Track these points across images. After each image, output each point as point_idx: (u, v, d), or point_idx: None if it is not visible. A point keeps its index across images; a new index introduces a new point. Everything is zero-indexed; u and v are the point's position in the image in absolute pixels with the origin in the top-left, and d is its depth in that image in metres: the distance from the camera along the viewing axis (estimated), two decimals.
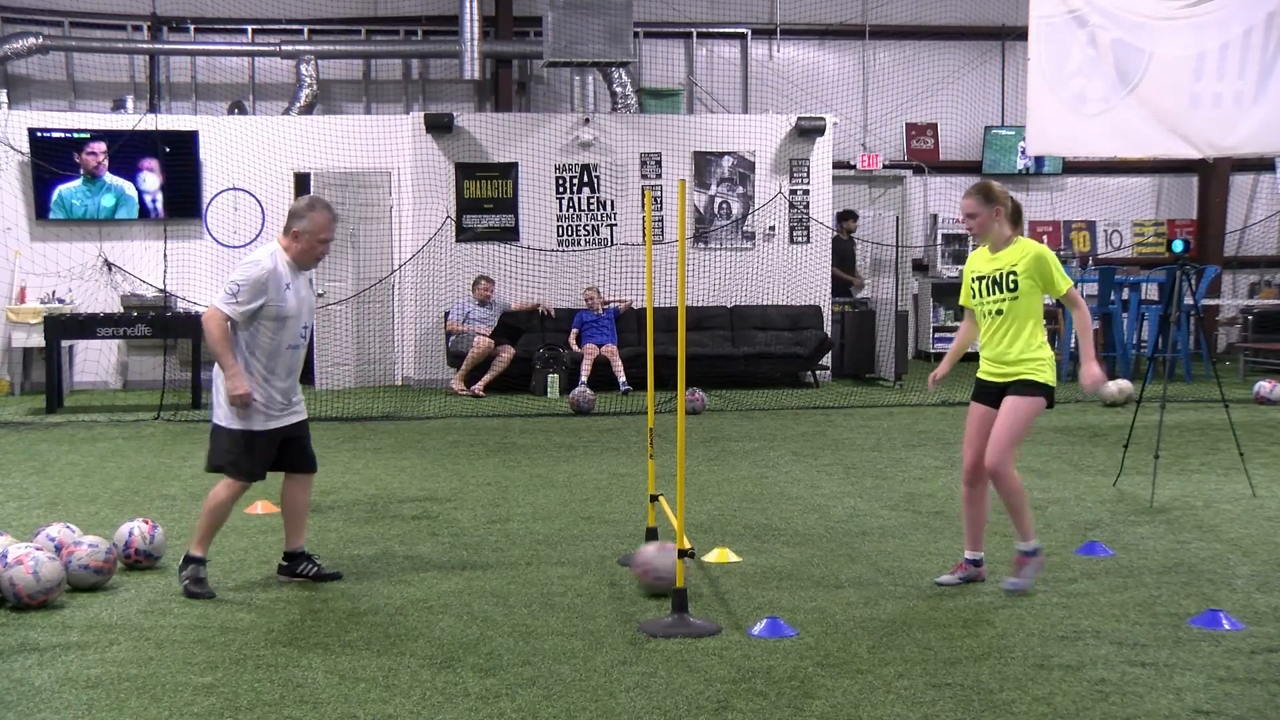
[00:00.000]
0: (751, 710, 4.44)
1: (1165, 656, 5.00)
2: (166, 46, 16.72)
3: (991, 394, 6.01)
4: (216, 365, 6.01)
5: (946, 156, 18.65)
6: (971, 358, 6.26)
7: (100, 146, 14.79)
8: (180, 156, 14.97)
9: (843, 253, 16.39)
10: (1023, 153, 18.35)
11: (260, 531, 7.34)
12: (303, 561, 6.23)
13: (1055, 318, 15.93)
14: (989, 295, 6.00)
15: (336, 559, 6.70)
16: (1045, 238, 18.64)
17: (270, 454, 6.11)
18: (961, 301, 6.25)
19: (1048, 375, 5.92)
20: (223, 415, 6.01)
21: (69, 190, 14.88)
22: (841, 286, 16.32)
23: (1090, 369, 5.99)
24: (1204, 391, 13.63)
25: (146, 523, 6.58)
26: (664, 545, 5.96)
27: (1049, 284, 5.91)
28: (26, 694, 4.64)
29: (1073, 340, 15.40)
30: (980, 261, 6.06)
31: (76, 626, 5.48)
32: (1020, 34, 14.33)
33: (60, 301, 14.67)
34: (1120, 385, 13.23)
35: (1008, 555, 6.65)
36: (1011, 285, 5.93)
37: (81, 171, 14.79)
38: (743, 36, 18.13)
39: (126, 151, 14.86)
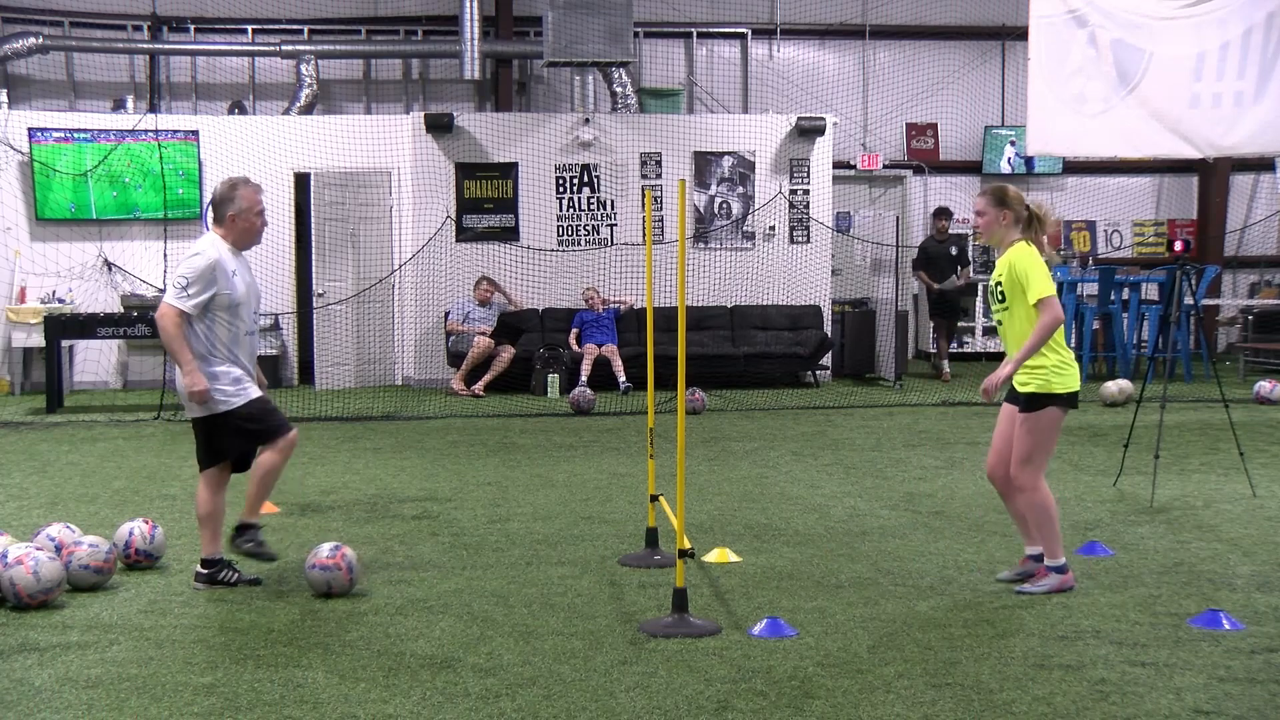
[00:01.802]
0: (751, 710, 4.44)
1: (1165, 656, 5.00)
2: (166, 46, 16.72)
3: (1013, 395, 6.01)
4: (178, 366, 6.01)
5: (947, 156, 18.65)
6: (995, 357, 6.22)
7: None
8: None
9: (929, 254, 15.85)
10: (1016, 155, 18.34)
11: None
12: (224, 569, 6.15)
13: None
14: (993, 305, 6.05)
15: None
16: (1045, 237, 18.61)
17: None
18: None
19: (1051, 383, 5.82)
20: (226, 399, 6.00)
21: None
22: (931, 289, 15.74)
23: (995, 375, 5.80)
24: (1204, 391, 13.62)
25: (146, 523, 6.58)
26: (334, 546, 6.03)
27: (1025, 293, 5.79)
28: (27, 694, 4.64)
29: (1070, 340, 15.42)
30: (996, 268, 6.08)
31: (77, 626, 5.48)
32: (1020, 34, 14.34)
33: (60, 301, 14.68)
34: (1120, 385, 13.23)
35: (1008, 557, 6.66)
36: (1000, 297, 5.96)
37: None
38: (743, 36, 18.14)
39: None
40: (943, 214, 16.10)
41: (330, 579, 5.90)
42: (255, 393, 6.09)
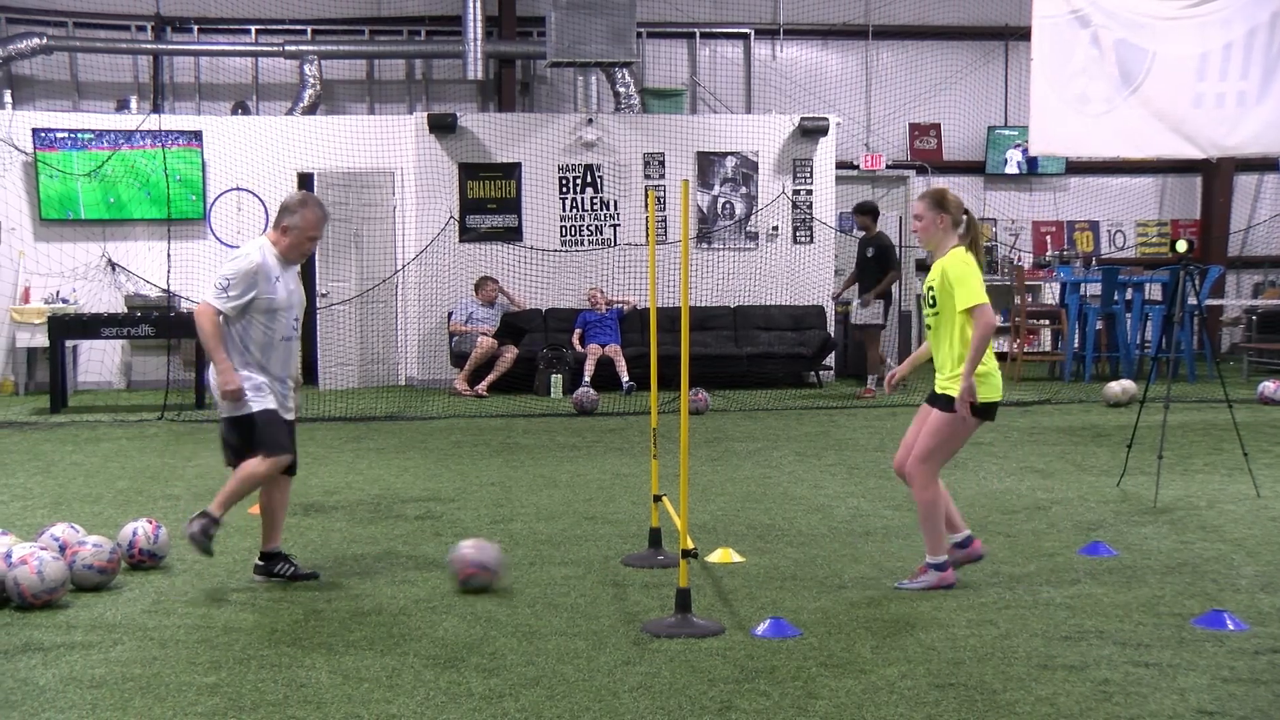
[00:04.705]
0: (755, 710, 4.44)
1: (1169, 657, 4.99)
2: (170, 47, 16.74)
3: (933, 395, 6.05)
4: (212, 364, 6.10)
5: (950, 157, 18.63)
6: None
7: None
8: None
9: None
10: (1024, 153, 18.31)
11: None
12: (279, 561, 6.23)
13: (1059, 318, 15.92)
14: (924, 309, 6.07)
15: (340, 559, 6.71)
16: (1049, 238, 18.63)
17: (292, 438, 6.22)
18: None
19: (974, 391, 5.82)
20: (233, 406, 6.06)
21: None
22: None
23: (963, 394, 5.79)
24: (1208, 392, 13.60)
25: (150, 523, 6.58)
26: (478, 544, 6.07)
27: (955, 299, 5.78)
28: (31, 693, 4.65)
29: (1061, 345, 15.40)
30: (930, 272, 6.08)
31: (80, 626, 5.48)
32: (1023, 34, 14.31)
33: (64, 301, 14.70)
34: (1124, 385, 13.22)
35: (1011, 557, 6.65)
36: (931, 301, 5.96)
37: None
38: (746, 36, 18.12)
39: None
40: (858, 209, 14.32)
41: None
42: (270, 404, 6.09)
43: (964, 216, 6.00)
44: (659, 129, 15.82)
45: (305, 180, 15.07)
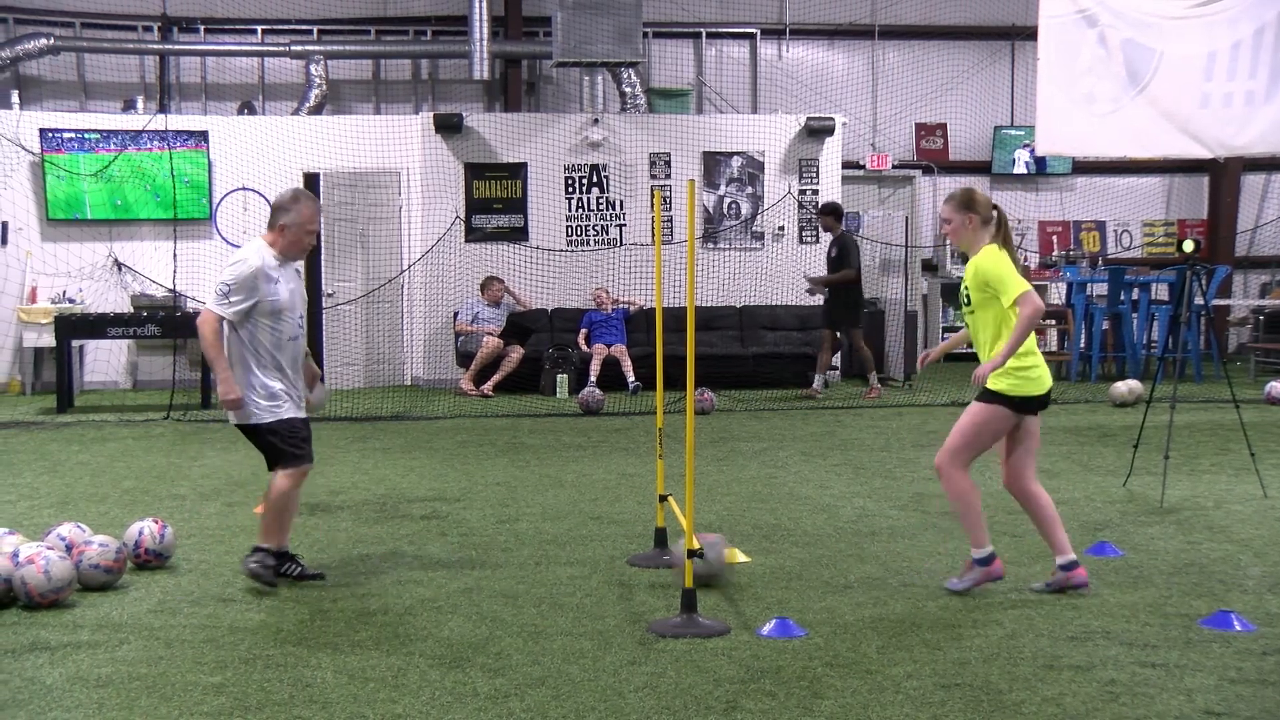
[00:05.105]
0: (760, 710, 4.44)
1: (1176, 658, 4.99)
2: (177, 47, 16.77)
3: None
4: (233, 370, 6.08)
5: (956, 157, 18.63)
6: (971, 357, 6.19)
7: None
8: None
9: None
10: (1031, 153, 18.29)
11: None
12: (286, 561, 6.22)
13: (1064, 317, 15.91)
14: (961, 308, 6.06)
15: (345, 559, 6.71)
16: (1055, 238, 18.61)
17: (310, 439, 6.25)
18: None
19: (1006, 383, 5.78)
20: (258, 412, 6.05)
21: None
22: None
23: (982, 368, 5.78)
24: (1214, 392, 13.58)
25: (156, 522, 6.59)
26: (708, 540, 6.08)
27: (997, 295, 5.77)
28: (38, 692, 4.66)
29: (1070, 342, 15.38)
30: (965, 272, 6.07)
31: (87, 625, 5.49)
32: (1030, 34, 14.30)
33: (70, 301, 14.73)
34: (1130, 385, 13.20)
35: (1018, 557, 6.65)
36: (966, 300, 5.95)
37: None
38: (752, 36, 18.13)
39: None
40: (821, 210, 14.44)
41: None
42: (288, 413, 6.10)
43: (993, 214, 5.98)
44: (665, 129, 15.82)
45: (311, 180, 15.03)
